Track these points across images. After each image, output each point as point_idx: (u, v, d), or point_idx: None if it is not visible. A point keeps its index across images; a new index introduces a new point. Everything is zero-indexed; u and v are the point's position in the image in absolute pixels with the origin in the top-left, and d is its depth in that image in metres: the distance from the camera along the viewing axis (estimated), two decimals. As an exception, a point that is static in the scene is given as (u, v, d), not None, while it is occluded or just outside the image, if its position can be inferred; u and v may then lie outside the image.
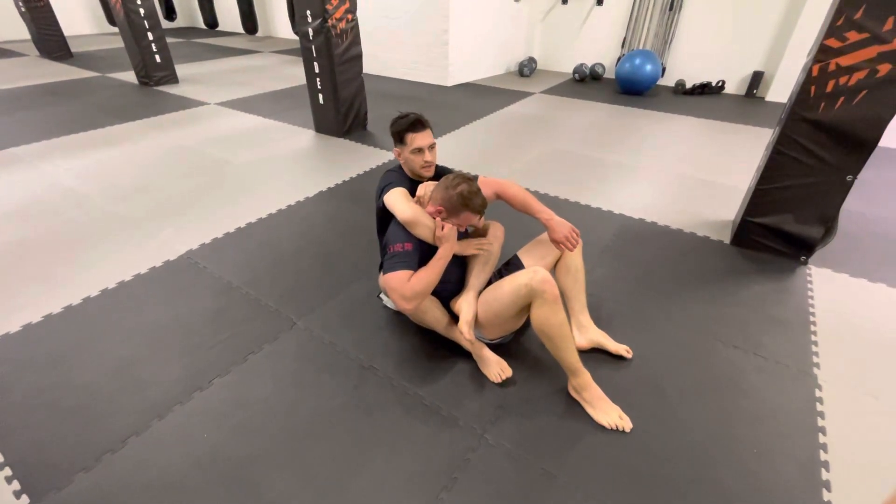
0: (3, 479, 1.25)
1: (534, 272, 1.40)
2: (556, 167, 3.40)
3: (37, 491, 1.23)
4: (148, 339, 1.74)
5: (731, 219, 2.62)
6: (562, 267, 1.68)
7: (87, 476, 1.26)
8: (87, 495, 1.22)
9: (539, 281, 1.38)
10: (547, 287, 1.37)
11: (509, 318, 1.52)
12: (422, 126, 1.60)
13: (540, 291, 1.37)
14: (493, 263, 1.68)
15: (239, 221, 2.57)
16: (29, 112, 4.42)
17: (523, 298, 1.41)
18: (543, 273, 1.40)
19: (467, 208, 1.46)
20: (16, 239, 2.37)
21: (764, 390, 1.57)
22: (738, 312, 1.93)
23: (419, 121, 1.60)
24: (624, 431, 1.41)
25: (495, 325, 1.56)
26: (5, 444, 1.35)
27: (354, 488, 1.24)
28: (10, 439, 1.36)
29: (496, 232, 1.77)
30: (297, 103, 4.81)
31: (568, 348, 1.43)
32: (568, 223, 1.58)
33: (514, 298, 1.44)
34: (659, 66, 5.34)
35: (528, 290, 1.39)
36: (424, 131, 1.60)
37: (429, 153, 1.62)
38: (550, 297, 1.37)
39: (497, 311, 1.50)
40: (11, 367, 1.61)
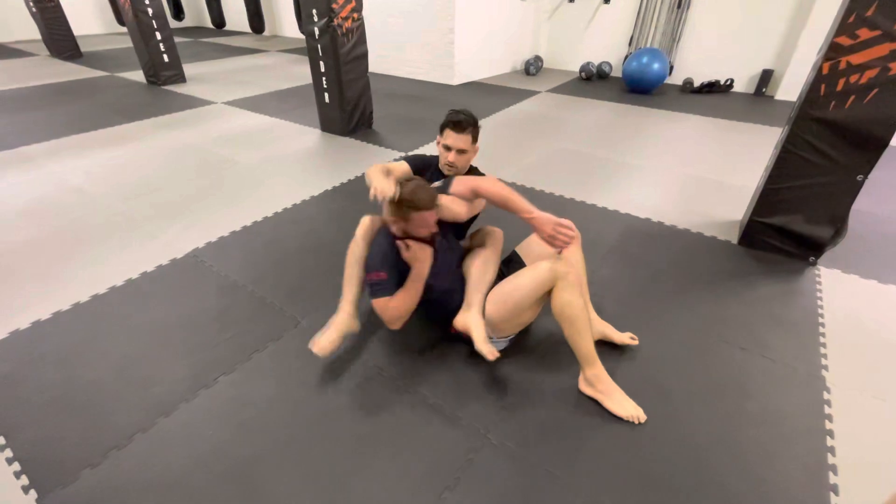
0: (12, 473, 1.27)
1: (555, 258, 1.46)
2: (562, 166, 3.39)
3: (44, 486, 1.24)
4: (154, 337, 1.76)
5: (739, 219, 2.59)
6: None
7: (93, 472, 1.28)
8: (94, 491, 1.23)
9: (563, 265, 1.41)
10: (571, 270, 1.41)
11: (526, 310, 1.49)
12: (460, 128, 1.65)
13: (563, 273, 1.39)
14: (492, 273, 1.63)
15: (245, 220, 2.58)
16: (39, 111, 4.47)
17: (545, 284, 1.41)
18: (564, 263, 1.44)
19: (414, 207, 1.40)
20: (26, 237, 2.40)
21: (771, 392, 1.55)
22: (745, 313, 1.91)
23: (461, 122, 1.65)
24: (639, 423, 1.42)
25: (509, 320, 1.53)
26: (14, 439, 1.37)
27: (357, 487, 1.25)
28: (19, 435, 1.38)
29: (493, 238, 1.73)
30: (303, 102, 4.83)
31: (587, 335, 1.44)
32: (552, 217, 1.46)
33: (534, 286, 1.43)
34: (666, 64, 5.30)
35: (551, 275, 1.39)
36: (460, 134, 1.65)
37: (453, 155, 1.68)
38: (574, 279, 1.40)
39: (516, 303, 1.47)
40: (21, 364, 1.63)
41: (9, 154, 3.46)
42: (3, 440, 1.36)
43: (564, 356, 1.66)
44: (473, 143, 1.71)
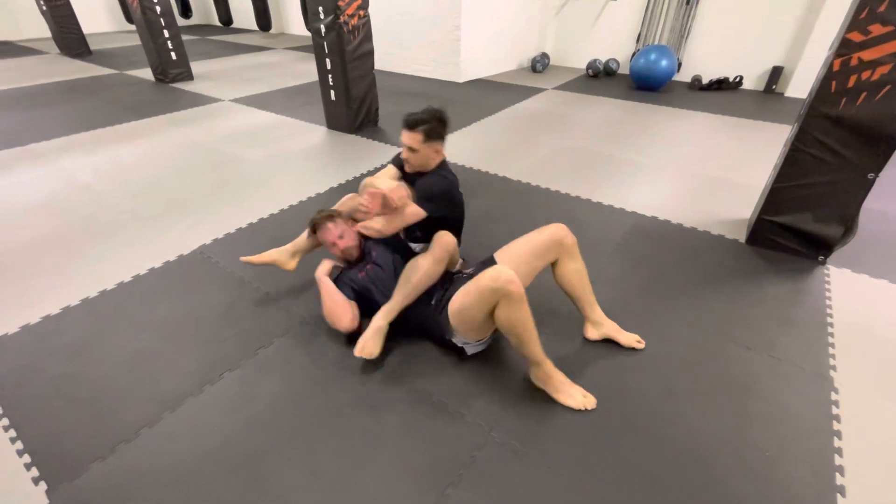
0: (23, 465, 1.29)
1: (497, 272, 1.34)
2: (569, 164, 3.37)
3: (54, 478, 1.26)
4: (161, 333, 1.77)
5: (747, 217, 2.57)
6: (562, 272, 1.63)
7: (101, 465, 1.29)
8: (102, 483, 1.25)
9: (504, 281, 1.31)
10: (512, 287, 1.31)
11: (482, 322, 1.46)
12: (408, 126, 1.69)
13: (505, 292, 1.31)
14: (416, 280, 1.59)
15: (251, 217, 2.60)
16: (49, 109, 4.53)
17: (489, 300, 1.35)
18: (507, 272, 1.33)
19: (315, 230, 1.80)
20: (37, 233, 2.44)
21: (777, 392, 1.54)
22: (752, 313, 1.89)
23: (409, 121, 1.69)
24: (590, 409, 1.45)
25: (470, 329, 1.51)
26: (24, 432, 1.39)
27: (361, 483, 1.26)
28: (30, 427, 1.40)
29: (435, 243, 1.64)
30: (309, 100, 4.84)
31: (532, 342, 1.41)
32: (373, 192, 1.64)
33: (480, 302, 1.38)
34: (675, 61, 5.25)
35: (492, 293, 1.33)
36: (408, 132, 1.70)
37: (405, 152, 1.75)
38: (517, 295, 1.32)
39: (470, 316, 1.45)
40: (31, 358, 1.65)
41: (20, 151, 3.51)
42: (14, 433, 1.38)
43: (569, 353, 1.66)
44: (426, 142, 1.69)
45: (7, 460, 1.31)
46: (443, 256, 1.61)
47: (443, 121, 1.73)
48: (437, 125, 1.70)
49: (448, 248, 1.62)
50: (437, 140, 1.73)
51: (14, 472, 1.28)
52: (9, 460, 1.31)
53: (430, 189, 1.75)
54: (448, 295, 1.60)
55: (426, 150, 1.71)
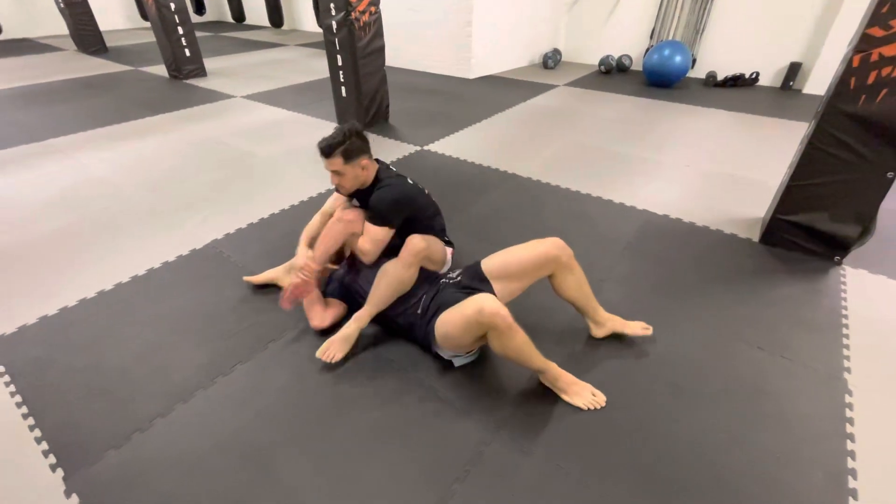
0: (41, 452, 1.33)
1: (480, 305, 1.29)
2: (579, 161, 3.35)
3: (71, 465, 1.29)
4: (174, 325, 1.81)
5: (761, 216, 2.53)
6: (560, 286, 1.60)
7: (116, 453, 1.32)
8: (117, 471, 1.28)
9: (489, 315, 1.27)
10: (498, 320, 1.28)
11: (472, 343, 1.44)
12: (325, 154, 1.62)
13: (491, 325, 1.29)
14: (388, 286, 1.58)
15: (262, 213, 2.62)
16: (67, 105, 4.61)
17: (476, 331, 1.34)
18: (490, 303, 1.29)
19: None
20: (56, 226, 2.49)
21: (789, 394, 1.51)
22: (764, 313, 1.86)
23: (323, 149, 1.61)
24: (599, 408, 1.44)
25: (460, 348, 1.50)
26: (43, 420, 1.43)
27: (368, 477, 1.27)
28: (48, 416, 1.44)
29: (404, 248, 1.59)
30: (320, 96, 4.86)
31: (532, 359, 1.40)
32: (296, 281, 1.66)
33: (466, 331, 1.36)
34: (689, 57, 5.17)
35: (479, 326, 1.32)
36: (328, 159, 1.63)
37: (333, 178, 1.69)
38: (503, 327, 1.29)
39: (455, 341, 1.44)
40: (49, 349, 1.70)
41: (39, 146, 3.58)
42: (33, 420, 1.42)
43: (576, 351, 1.66)
44: (347, 163, 1.62)
45: (26, 447, 1.34)
46: (411, 261, 1.58)
47: (359, 134, 1.65)
48: (354, 141, 1.62)
49: (415, 251, 1.57)
50: (361, 156, 1.65)
51: (33, 460, 1.31)
52: (28, 447, 1.34)
53: (379, 206, 1.68)
54: (435, 304, 1.58)
55: (352, 170, 1.64)
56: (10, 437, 1.38)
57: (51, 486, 1.24)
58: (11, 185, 2.95)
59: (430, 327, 1.54)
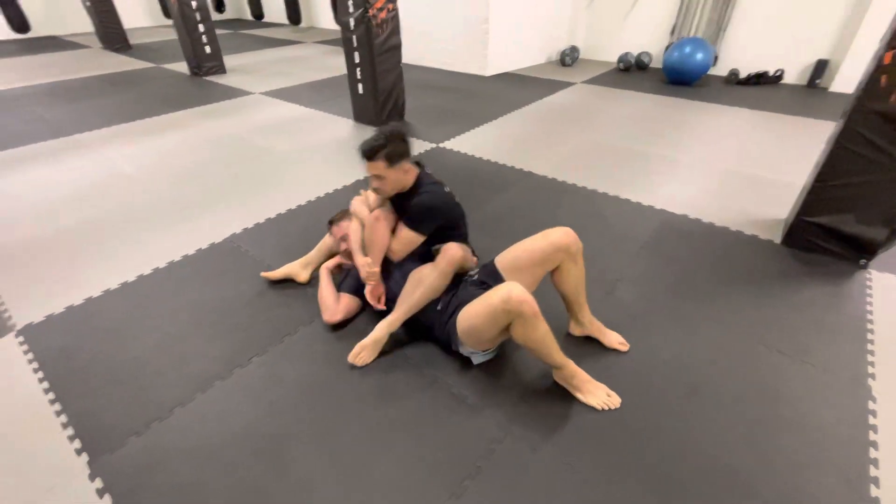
0: (67, 437, 1.38)
1: (508, 292, 1.29)
2: (596, 160, 3.31)
3: (95, 450, 1.34)
4: (193, 317, 1.85)
5: (783, 217, 2.47)
6: (562, 278, 1.59)
7: (138, 440, 1.36)
8: (138, 457, 1.32)
9: (516, 302, 1.27)
10: (525, 307, 1.27)
11: (491, 338, 1.45)
12: (367, 157, 1.59)
13: (518, 312, 1.28)
14: (422, 291, 1.59)
15: (280, 208, 2.66)
16: (92, 101, 4.73)
17: (501, 320, 1.33)
18: (517, 292, 1.29)
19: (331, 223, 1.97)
20: (80, 219, 2.56)
21: (810, 399, 1.48)
22: (785, 316, 1.82)
23: (365, 151, 1.58)
24: (613, 409, 1.43)
25: (477, 343, 1.50)
26: (69, 405, 1.48)
27: (380, 470, 1.28)
28: (73, 402, 1.49)
29: (441, 255, 1.60)
30: (337, 93, 4.90)
31: (552, 352, 1.39)
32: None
33: (491, 321, 1.35)
34: (711, 54, 5.06)
35: (505, 314, 1.31)
36: (370, 162, 1.59)
37: (373, 181, 1.65)
38: (530, 315, 1.29)
39: (478, 332, 1.43)
40: (75, 336, 1.75)
41: (66, 141, 3.69)
42: (59, 406, 1.47)
43: (591, 352, 1.65)
44: (390, 167, 1.58)
45: (53, 432, 1.39)
46: (448, 270, 1.58)
47: (402, 138, 1.60)
48: (398, 144, 1.58)
49: (454, 260, 1.58)
50: (403, 160, 1.61)
51: (60, 444, 1.36)
52: (55, 432, 1.39)
53: (419, 213, 1.67)
54: (455, 302, 1.59)
55: (395, 174, 1.62)
56: (39, 422, 1.43)
57: (76, 470, 1.29)
58: (40, 178, 3.05)
59: (451, 324, 1.54)
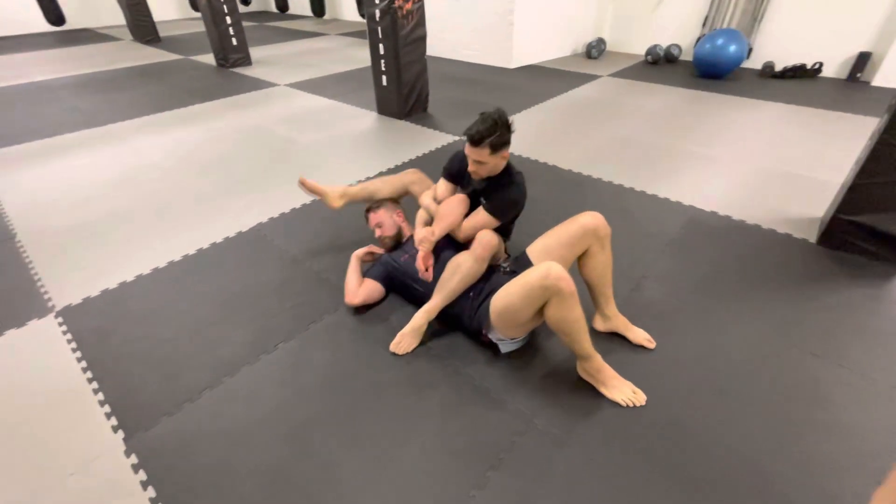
0: (104, 414, 1.43)
1: (547, 269, 1.30)
2: (622, 154, 3.24)
3: (130, 428, 1.39)
4: (221, 303, 1.89)
5: (819, 216, 2.38)
6: (589, 264, 1.58)
7: (170, 420, 1.41)
8: (170, 437, 1.36)
9: (554, 278, 1.27)
10: (563, 284, 1.27)
11: (525, 321, 1.44)
12: (474, 143, 1.57)
13: (556, 290, 1.28)
14: (458, 278, 1.59)
15: (305, 198, 2.69)
16: (123, 92, 4.87)
17: (538, 299, 1.32)
18: (557, 269, 1.29)
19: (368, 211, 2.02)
20: (113, 206, 2.65)
21: (845, 404, 1.43)
22: (820, 318, 1.76)
23: (474, 137, 1.56)
24: (637, 406, 1.41)
25: (511, 328, 1.50)
26: (105, 384, 1.53)
27: (403, 458, 1.30)
28: (109, 381, 1.55)
29: (476, 242, 1.61)
30: (360, 85, 4.92)
31: (583, 338, 1.38)
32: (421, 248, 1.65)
33: (528, 301, 1.35)
34: (745, 46, 4.88)
35: (542, 291, 1.30)
36: (475, 148, 1.58)
37: (472, 165, 1.65)
38: (567, 293, 1.29)
39: (512, 315, 1.43)
40: (110, 319, 1.82)
41: (99, 131, 3.80)
42: (97, 385, 1.53)
43: (614, 348, 1.62)
44: (493, 154, 1.58)
45: (92, 409, 1.45)
46: (484, 256, 1.59)
47: (508, 126, 1.61)
48: (504, 133, 1.58)
49: (490, 247, 1.59)
50: (505, 148, 1.62)
51: (98, 420, 1.42)
52: (93, 410, 1.45)
53: (506, 201, 1.70)
54: (487, 289, 1.60)
55: (494, 161, 1.63)
56: (78, 399, 1.49)
57: (113, 446, 1.34)
58: (76, 167, 3.16)
59: (483, 308, 1.55)
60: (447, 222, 1.69)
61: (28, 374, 1.58)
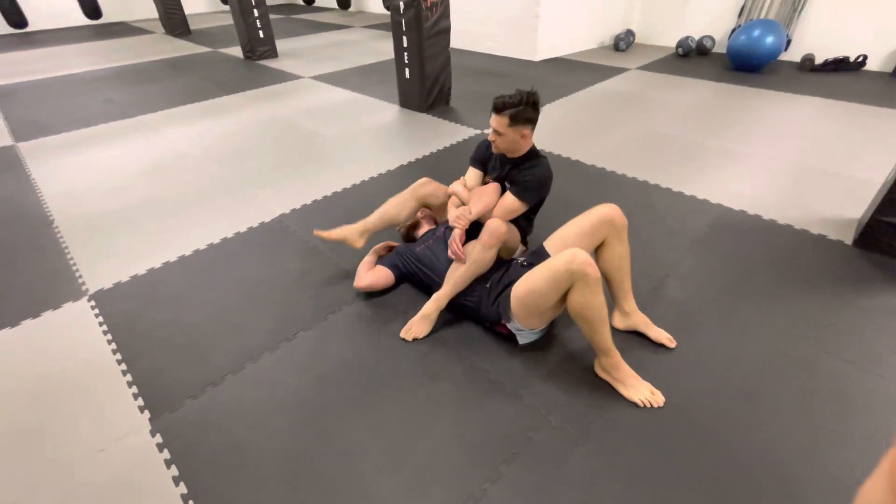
0: (132, 395, 1.49)
1: (573, 254, 1.30)
2: (650, 150, 3.16)
3: (156, 409, 1.44)
4: (244, 291, 1.94)
5: (857, 217, 2.27)
6: (605, 256, 1.57)
7: (194, 402, 1.46)
8: (194, 418, 1.41)
9: (580, 263, 1.28)
10: (589, 269, 1.28)
11: (547, 309, 1.43)
12: (496, 109, 1.64)
13: (581, 274, 1.28)
14: (468, 269, 1.61)
15: (326, 190, 2.72)
16: (155, 84, 5.01)
17: (563, 284, 1.32)
18: (582, 254, 1.30)
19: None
20: (144, 195, 2.74)
21: (880, 414, 1.37)
22: (854, 323, 1.69)
23: (496, 104, 1.64)
24: (655, 407, 1.38)
25: (532, 317, 1.49)
26: (133, 366, 1.60)
27: (418, 449, 1.31)
28: (137, 363, 1.61)
29: (485, 230, 1.61)
30: (383, 78, 4.93)
31: (604, 330, 1.37)
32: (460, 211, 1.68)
33: (552, 286, 1.34)
34: (783, 38, 4.67)
35: (568, 275, 1.30)
36: (496, 115, 1.64)
37: (492, 134, 1.69)
38: (593, 279, 1.29)
39: (534, 303, 1.42)
40: (139, 303, 1.88)
41: (132, 122, 3.93)
42: (125, 366, 1.60)
43: (632, 346, 1.59)
44: (511, 126, 1.61)
45: (120, 389, 1.51)
46: (491, 243, 1.59)
47: (534, 105, 1.63)
48: (526, 109, 1.60)
49: (497, 234, 1.59)
50: (525, 124, 1.63)
51: (126, 400, 1.48)
52: (122, 389, 1.51)
53: (532, 182, 1.71)
54: (505, 280, 1.60)
55: (512, 135, 1.65)
56: (108, 378, 1.55)
57: (140, 425, 1.39)
58: (110, 156, 3.27)
59: (503, 298, 1.55)
60: (484, 203, 1.70)
61: (63, 354, 1.66)
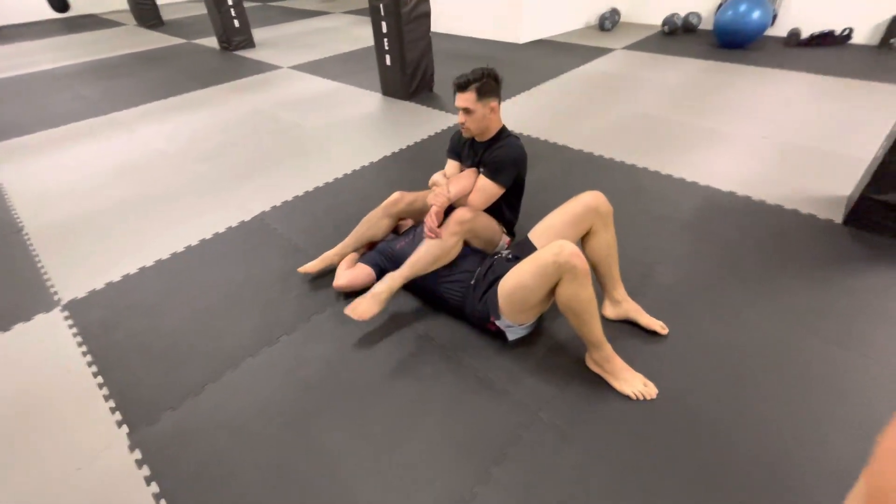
0: (109, 409, 1.44)
1: (560, 246, 1.27)
2: (636, 132, 3.11)
3: (134, 422, 1.39)
4: (224, 295, 1.87)
5: (846, 195, 2.25)
6: (592, 244, 1.53)
7: (172, 414, 1.41)
8: (173, 431, 1.36)
9: (567, 255, 1.25)
10: (577, 261, 1.25)
11: (538, 304, 1.40)
12: (461, 87, 1.61)
13: (569, 267, 1.25)
14: (426, 251, 1.58)
15: (307, 185, 2.65)
16: (127, 79, 4.83)
17: (551, 277, 1.29)
18: (570, 246, 1.26)
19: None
20: (117, 197, 2.64)
21: (869, 398, 1.36)
22: (844, 305, 1.67)
23: (459, 83, 1.61)
24: (648, 399, 1.37)
25: (520, 312, 1.45)
26: (110, 378, 1.54)
27: (406, 450, 1.27)
28: (114, 374, 1.55)
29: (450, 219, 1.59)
30: (364, 66, 4.80)
31: (595, 322, 1.34)
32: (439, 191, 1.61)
33: (540, 280, 1.32)
34: (770, 12, 4.61)
35: (556, 268, 1.27)
36: (461, 93, 1.61)
37: (461, 115, 1.65)
38: (581, 271, 1.26)
39: (523, 297, 1.39)
40: (114, 312, 1.82)
41: (104, 119, 3.79)
42: (101, 379, 1.54)
43: (623, 336, 1.57)
44: (480, 100, 1.59)
45: (97, 403, 1.46)
46: (455, 230, 1.58)
47: (495, 78, 1.62)
48: (489, 81, 1.59)
49: (460, 220, 1.57)
50: (492, 97, 1.62)
51: (103, 415, 1.42)
52: (98, 403, 1.46)
53: (503, 161, 1.65)
54: (490, 276, 1.56)
55: (482, 109, 1.62)
56: (84, 392, 1.50)
57: (118, 440, 1.34)
58: (81, 157, 3.15)
59: (490, 294, 1.51)
60: (461, 185, 1.66)
61: (36, 369, 1.60)
